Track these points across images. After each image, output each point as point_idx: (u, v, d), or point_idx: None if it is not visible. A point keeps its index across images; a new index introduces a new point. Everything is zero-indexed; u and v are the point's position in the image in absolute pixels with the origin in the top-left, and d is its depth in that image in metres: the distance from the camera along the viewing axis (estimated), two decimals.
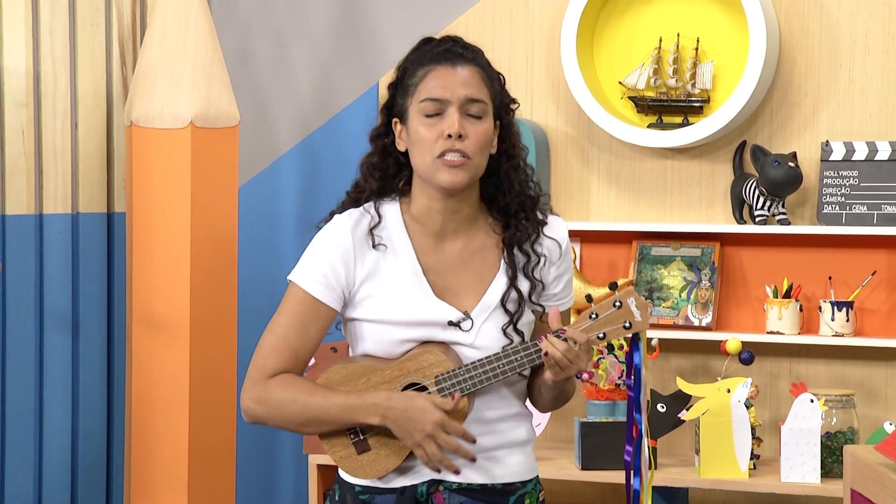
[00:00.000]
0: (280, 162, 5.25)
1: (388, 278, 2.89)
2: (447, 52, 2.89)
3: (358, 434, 2.89)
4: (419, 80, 2.89)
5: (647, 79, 4.76)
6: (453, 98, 2.85)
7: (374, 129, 3.02)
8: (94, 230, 4.88)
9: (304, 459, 5.12)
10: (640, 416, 3.00)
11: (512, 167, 2.94)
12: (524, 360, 2.87)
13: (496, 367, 2.86)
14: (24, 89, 4.66)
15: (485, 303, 2.90)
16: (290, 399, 2.87)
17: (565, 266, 2.98)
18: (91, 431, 4.88)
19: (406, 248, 2.91)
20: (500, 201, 2.94)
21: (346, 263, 2.90)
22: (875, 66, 4.61)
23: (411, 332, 2.88)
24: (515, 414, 2.96)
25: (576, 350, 2.83)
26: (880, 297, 4.61)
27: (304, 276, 2.93)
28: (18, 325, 4.68)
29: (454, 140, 2.83)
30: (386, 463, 2.89)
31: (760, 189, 4.58)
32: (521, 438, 2.97)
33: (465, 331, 2.89)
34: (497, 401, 2.93)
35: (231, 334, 4.82)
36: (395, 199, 2.95)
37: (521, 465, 2.97)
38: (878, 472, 3.05)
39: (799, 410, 4.35)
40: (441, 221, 2.91)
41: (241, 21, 5.28)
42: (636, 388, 2.99)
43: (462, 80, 2.86)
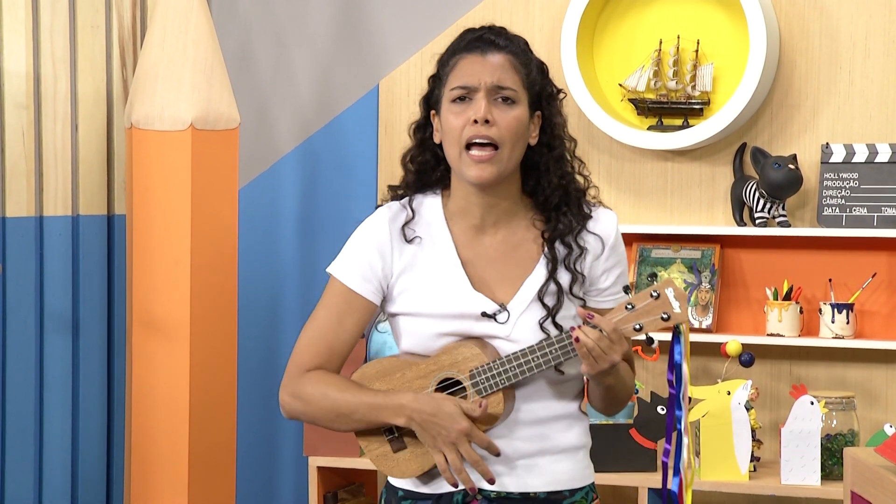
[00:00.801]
0: (280, 164, 5.25)
1: (426, 271, 2.85)
2: (479, 40, 2.85)
3: (393, 431, 2.84)
4: (450, 69, 2.84)
5: (648, 81, 4.76)
6: (480, 84, 2.80)
7: (414, 122, 2.94)
8: (94, 232, 4.88)
9: (304, 461, 5.12)
10: (680, 413, 2.87)
11: (553, 158, 2.86)
12: (559, 352, 2.78)
13: (530, 360, 2.78)
14: (25, 91, 4.66)
15: (522, 295, 2.83)
16: (321, 394, 2.85)
17: (614, 260, 2.88)
18: (91, 433, 4.88)
19: (445, 241, 2.86)
20: (541, 194, 2.87)
21: (383, 255, 2.86)
22: (875, 68, 4.61)
23: (447, 325, 2.83)
24: (564, 416, 2.87)
25: (607, 340, 2.74)
26: (880, 300, 4.61)
27: (341, 268, 2.89)
28: (19, 327, 4.68)
29: (480, 126, 2.78)
30: (422, 462, 2.83)
31: (761, 191, 4.58)
32: (569, 443, 2.87)
33: (500, 323, 2.82)
34: (544, 401, 2.85)
35: (231, 336, 4.82)
36: (437, 193, 2.90)
37: (568, 473, 2.87)
38: (878, 475, 3.05)
39: (799, 412, 4.34)
40: (480, 214, 2.85)
41: (242, 23, 5.28)
42: (677, 384, 2.87)
43: (491, 66, 2.82)
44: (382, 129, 5.11)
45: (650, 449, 4.49)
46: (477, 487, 2.80)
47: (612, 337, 2.75)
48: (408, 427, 2.80)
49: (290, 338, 5.21)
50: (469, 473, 2.79)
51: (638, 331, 2.78)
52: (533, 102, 2.85)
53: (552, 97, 2.89)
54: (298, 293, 5.22)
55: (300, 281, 5.22)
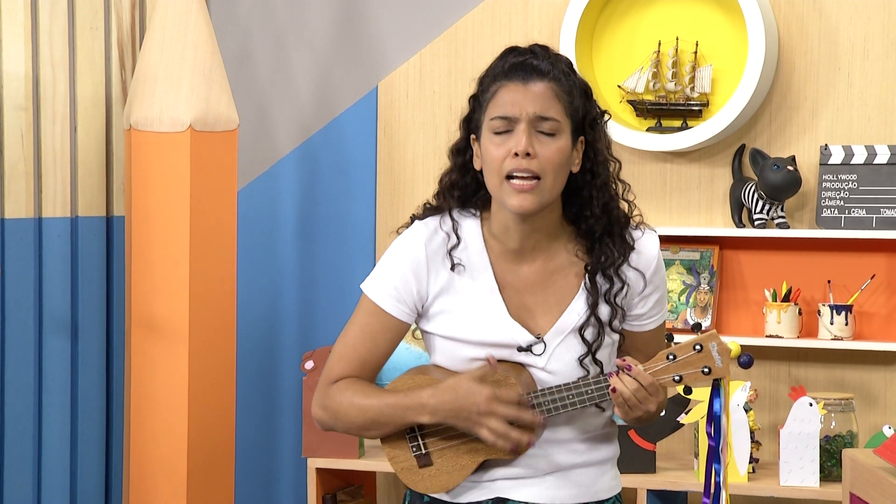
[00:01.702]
0: (279, 165, 5.25)
1: (464, 295, 2.80)
2: (521, 66, 2.75)
3: (421, 448, 2.81)
4: (491, 96, 2.75)
5: (646, 82, 4.76)
6: (522, 115, 2.71)
7: (453, 145, 2.85)
8: (93, 234, 4.88)
9: (303, 463, 5.11)
10: (718, 467, 2.86)
11: (595, 187, 2.79)
12: (595, 393, 2.74)
13: (565, 397, 2.75)
14: (24, 93, 4.66)
15: (560, 326, 2.78)
16: (347, 402, 2.80)
17: (654, 286, 2.83)
18: (90, 435, 4.88)
19: (484, 265, 2.80)
20: (584, 223, 2.80)
21: (419, 277, 2.80)
22: (874, 69, 4.61)
23: (481, 352, 2.78)
24: (595, 434, 2.85)
25: (644, 391, 2.72)
26: (879, 301, 4.61)
27: (376, 288, 2.82)
28: (18, 329, 4.68)
29: (521, 159, 2.70)
30: (447, 480, 2.81)
31: (759, 193, 4.58)
32: (601, 457, 2.86)
33: (536, 355, 2.78)
34: (574, 421, 2.82)
35: (230, 338, 4.82)
36: (477, 215, 2.83)
37: (597, 485, 2.85)
38: (877, 476, 3.05)
39: (798, 414, 4.34)
40: (519, 240, 2.79)
41: (241, 24, 5.28)
42: (716, 436, 2.86)
43: (533, 96, 2.72)
44: (381, 130, 5.11)
45: (649, 450, 4.49)
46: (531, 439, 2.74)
47: (649, 389, 2.73)
48: (434, 423, 2.76)
49: (289, 340, 5.22)
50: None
51: (677, 382, 2.75)
52: (576, 129, 2.77)
53: (595, 121, 2.80)
54: (297, 294, 5.22)
55: (299, 282, 5.22)
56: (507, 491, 2.80)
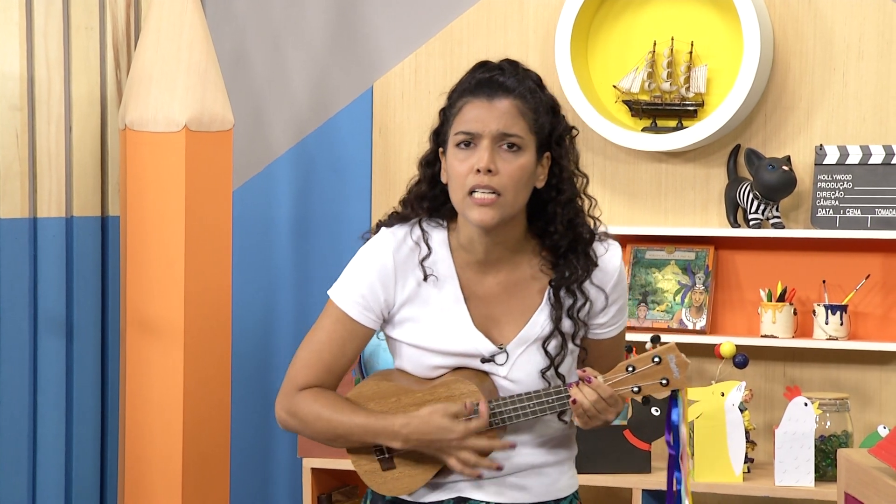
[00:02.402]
0: (274, 165, 5.24)
1: (430, 304, 2.84)
2: (487, 83, 2.79)
3: (384, 452, 2.86)
4: (457, 111, 2.80)
5: (642, 82, 4.76)
6: (485, 132, 2.75)
7: (423, 156, 2.88)
8: (88, 234, 4.87)
9: (298, 463, 5.11)
10: (679, 475, 2.91)
11: (560, 203, 2.82)
12: (555, 403, 2.80)
13: (526, 406, 2.80)
14: (19, 93, 4.66)
15: (522, 337, 2.84)
16: (315, 415, 2.84)
17: (615, 296, 2.88)
18: (85, 435, 4.88)
19: (450, 275, 2.84)
20: (549, 238, 2.84)
21: (386, 286, 2.83)
22: (869, 70, 4.62)
23: (446, 361, 2.84)
24: (554, 436, 2.90)
25: (604, 402, 2.77)
26: (874, 301, 4.61)
27: (343, 296, 2.86)
28: (12, 329, 4.67)
29: (482, 175, 2.73)
30: (409, 483, 2.86)
31: (755, 193, 4.58)
32: (557, 458, 2.91)
33: (499, 364, 2.83)
34: (534, 426, 2.87)
35: (225, 338, 4.82)
36: (444, 226, 2.87)
37: (556, 484, 2.91)
38: (871, 476, 3.05)
39: (793, 414, 4.35)
40: (484, 252, 2.83)
41: (236, 24, 5.28)
42: (675, 445, 2.90)
43: (497, 112, 2.76)
44: (377, 130, 5.11)
45: (644, 450, 4.49)
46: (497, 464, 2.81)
47: (608, 401, 2.78)
48: (405, 449, 2.81)
49: (285, 340, 5.21)
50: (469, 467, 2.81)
51: (636, 393, 2.81)
52: (541, 145, 2.80)
53: (561, 138, 2.83)
54: (293, 295, 5.21)
55: (294, 282, 5.22)
56: (468, 491, 2.86)
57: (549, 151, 2.82)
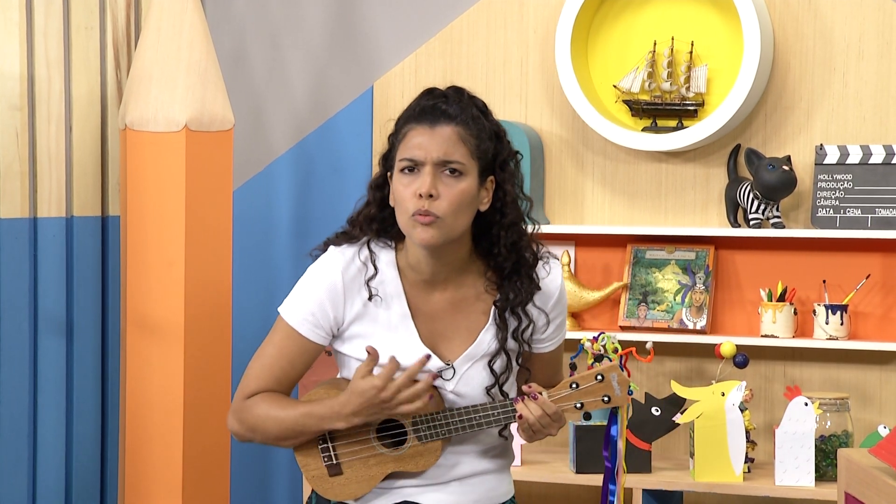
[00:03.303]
0: (274, 165, 5.24)
1: (378, 321, 2.94)
2: (431, 110, 2.89)
3: (332, 458, 2.95)
4: (402, 138, 2.91)
5: (642, 82, 4.76)
6: (426, 158, 2.86)
7: (372, 179, 3.02)
8: (88, 234, 4.87)
9: None
10: (614, 487, 3.06)
11: (503, 226, 2.94)
12: (500, 416, 2.93)
13: (472, 419, 2.92)
14: (19, 93, 4.66)
15: (469, 354, 2.95)
16: (264, 414, 2.95)
17: (555, 313, 3.01)
18: (85, 435, 4.88)
19: (398, 293, 2.94)
20: (493, 259, 2.95)
21: (335, 303, 2.94)
22: (869, 69, 4.62)
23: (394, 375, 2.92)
24: (494, 446, 3.03)
25: (549, 418, 2.91)
26: (874, 301, 4.61)
27: (293, 313, 2.98)
28: (12, 329, 4.67)
29: (424, 199, 2.84)
30: (356, 489, 2.95)
31: (755, 192, 4.58)
32: (497, 466, 3.03)
33: (446, 379, 2.95)
34: (476, 437, 3.00)
35: (225, 338, 4.82)
36: (392, 246, 2.97)
37: (496, 490, 3.03)
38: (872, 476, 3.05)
39: (793, 414, 4.35)
40: (430, 272, 2.94)
41: (236, 24, 5.28)
42: (612, 459, 3.05)
43: (439, 139, 2.86)
44: (377, 130, 5.11)
45: (645, 450, 4.49)
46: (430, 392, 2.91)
47: (552, 416, 2.92)
48: (350, 426, 2.90)
49: None
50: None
51: (578, 409, 2.94)
52: (485, 170, 2.90)
53: (505, 162, 2.93)
54: None
55: (294, 282, 5.20)
56: (414, 496, 2.96)
57: (493, 175, 2.92)
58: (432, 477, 2.95)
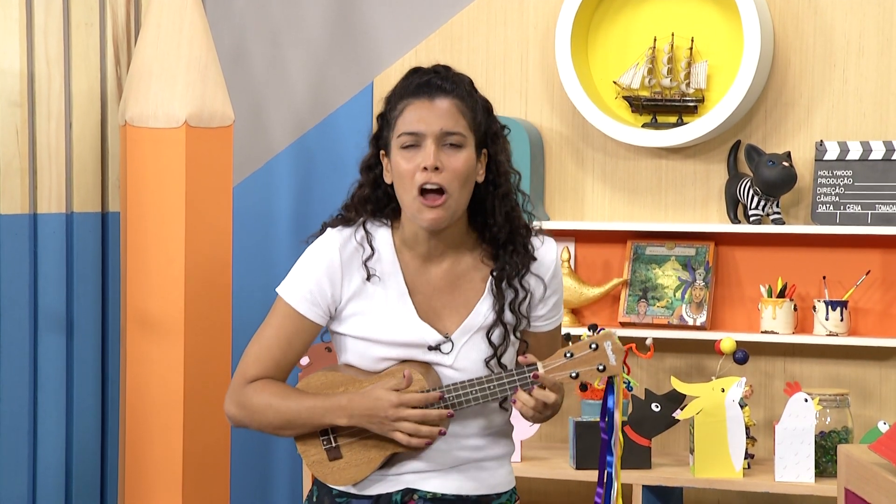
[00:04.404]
0: (274, 161, 5.24)
1: (375, 299, 2.95)
2: (426, 86, 2.92)
3: (331, 441, 2.95)
4: (398, 114, 2.94)
5: (642, 78, 4.76)
6: (429, 131, 2.89)
7: (364, 160, 3.06)
8: (88, 230, 4.87)
9: (298, 460, 5.11)
10: (611, 459, 3.05)
11: (497, 197, 2.97)
12: (497, 391, 2.91)
13: (470, 392, 2.91)
14: (19, 89, 4.66)
15: (466, 326, 2.96)
16: (265, 403, 2.95)
17: (552, 290, 3.01)
18: (85, 432, 4.88)
19: (394, 271, 2.96)
20: (488, 231, 2.98)
21: (333, 281, 2.96)
22: (869, 66, 4.62)
23: (392, 352, 2.94)
24: (495, 431, 3.02)
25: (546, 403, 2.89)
26: (874, 297, 4.61)
27: (291, 292, 2.99)
28: (12, 326, 4.68)
29: (430, 172, 2.87)
30: (355, 472, 2.95)
31: (755, 189, 4.58)
32: (498, 453, 3.03)
33: (444, 353, 2.95)
34: (477, 418, 2.99)
35: (225, 334, 4.82)
36: (388, 224, 2.99)
37: (497, 478, 3.03)
38: (872, 472, 3.05)
39: (793, 410, 4.35)
40: (427, 248, 2.96)
41: (236, 21, 5.28)
42: (609, 430, 3.04)
43: (438, 112, 2.90)
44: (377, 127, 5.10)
45: (644, 446, 4.49)
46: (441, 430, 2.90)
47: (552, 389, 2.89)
48: (351, 425, 2.91)
49: None
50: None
51: (574, 378, 2.92)
52: (479, 143, 2.94)
53: (497, 135, 2.97)
54: None
55: None
56: (415, 483, 2.97)
57: (486, 148, 2.96)
58: (433, 463, 2.95)
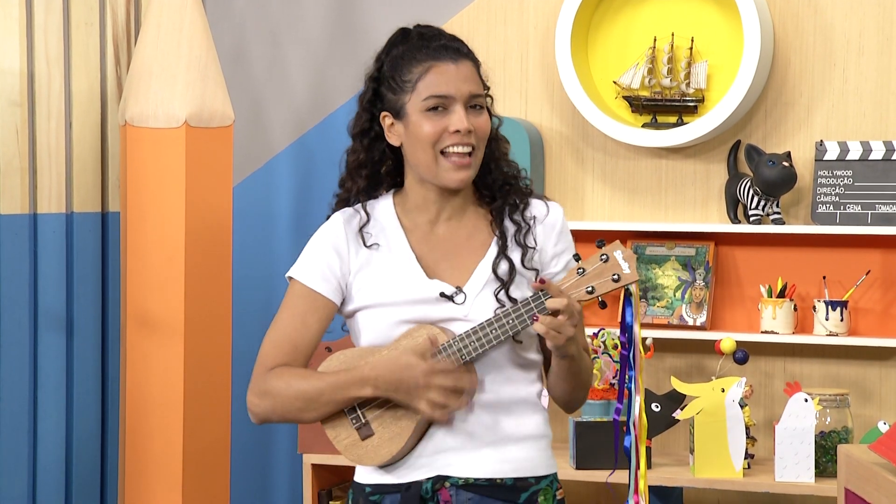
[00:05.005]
0: (274, 161, 5.25)
1: (382, 267, 2.93)
2: (445, 49, 2.92)
3: (360, 418, 2.89)
4: (418, 77, 2.91)
5: (642, 78, 4.76)
6: (458, 94, 2.88)
7: (356, 125, 3.03)
8: (88, 230, 4.88)
9: (298, 459, 5.11)
10: (632, 373, 2.97)
11: (494, 158, 2.98)
12: (516, 321, 2.84)
13: (488, 332, 2.84)
14: (19, 89, 4.66)
15: (477, 276, 2.91)
16: (285, 386, 2.89)
17: (563, 245, 2.98)
18: (86, 431, 4.88)
19: (399, 239, 2.94)
20: (487, 178, 2.97)
21: (341, 255, 2.94)
22: (869, 65, 4.62)
23: (405, 312, 2.89)
24: (524, 400, 2.93)
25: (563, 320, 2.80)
26: (874, 297, 4.61)
27: (301, 270, 2.97)
28: (13, 325, 4.68)
29: (463, 135, 2.87)
30: (390, 446, 2.88)
31: (755, 189, 4.58)
32: (531, 432, 2.93)
33: (458, 304, 2.89)
34: (505, 383, 2.91)
35: (226, 334, 4.82)
36: (388, 195, 2.99)
37: (533, 461, 2.93)
38: (872, 472, 3.05)
39: (793, 410, 4.35)
40: (436, 210, 2.95)
41: (236, 20, 5.28)
42: (629, 344, 2.96)
43: (464, 75, 2.90)
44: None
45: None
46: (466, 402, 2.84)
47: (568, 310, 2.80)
48: (376, 396, 2.85)
49: None
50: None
51: (590, 293, 2.84)
52: None
53: (490, 96, 2.99)
54: None
55: None
56: (447, 468, 2.89)
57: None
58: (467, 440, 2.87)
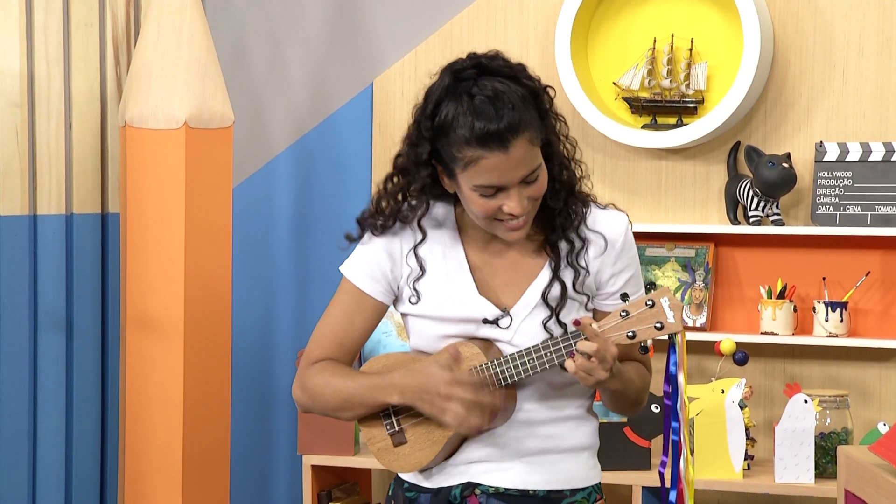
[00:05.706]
0: (274, 162, 5.24)
1: (435, 274, 2.86)
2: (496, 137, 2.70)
3: (395, 425, 2.88)
4: (468, 161, 2.73)
5: (642, 79, 4.76)
6: (510, 182, 2.72)
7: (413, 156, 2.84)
8: (88, 231, 4.87)
9: (298, 460, 5.11)
10: (677, 425, 2.84)
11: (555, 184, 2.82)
12: (553, 355, 2.76)
13: (527, 361, 2.77)
14: (18, 90, 4.66)
15: (525, 300, 2.83)
16: (324, 383, 2.88)
17: (623, 264, 2.85)
18: (85, 432, 4.88)
19: (455, 245, 2.87)
20: (548, 202, 2.82)
21: (393, 257, 2.87)
22: (869, 66, 4.62)
23: (451, 328, 2.84)
24: (570, 417, 2.86)
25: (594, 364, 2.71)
26: (874, 298, 4.61)
27: (351, 268, 2.90)
28: (12, 326, 4.68)
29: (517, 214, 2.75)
30: (420, 456, 2.86)
31: (755, 190, 4.59)
32: (574, 444, 2.87)
33: (503, 328, 2.83)
34: (549, 402, 2.84)
35: (225, 335, 4.82)
36: (450, 203, 2.89)
37: (569, 473, 2.86)
38: (871, 473, 3.05)
39: (793, 411, 4.35)
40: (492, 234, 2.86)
41: (236, 21, 5.28)
42: (673, 395, 2.84)
43: (516, 161, 2.71)
44: (376, 127, 5.11)
45: (644, 447, 4.49)
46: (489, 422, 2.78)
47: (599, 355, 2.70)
48: (403, 403, 2.82)
49: (285, 337, 5.21)
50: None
51: (631, 338, 2.75)
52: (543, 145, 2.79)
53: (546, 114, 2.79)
54: (293, 291, 5.21)
55: (294, 279, 5.22)
56: (478, 476, 2.85)
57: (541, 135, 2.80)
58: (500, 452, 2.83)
